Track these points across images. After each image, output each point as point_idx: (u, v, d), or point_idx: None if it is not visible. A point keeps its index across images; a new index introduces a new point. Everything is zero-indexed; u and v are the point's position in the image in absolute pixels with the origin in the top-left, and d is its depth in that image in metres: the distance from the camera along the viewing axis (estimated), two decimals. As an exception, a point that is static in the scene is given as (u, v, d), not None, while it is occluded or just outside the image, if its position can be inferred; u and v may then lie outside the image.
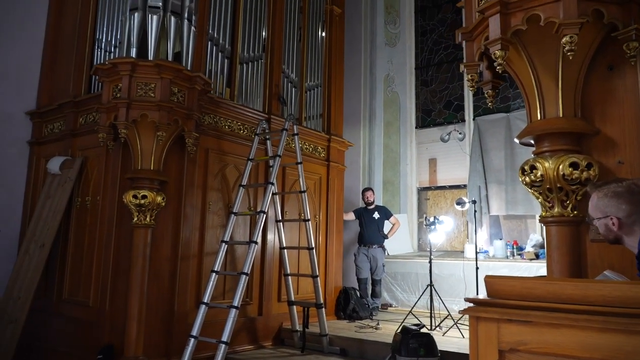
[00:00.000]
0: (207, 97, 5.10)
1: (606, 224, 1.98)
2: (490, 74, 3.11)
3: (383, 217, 7.11)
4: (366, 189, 7.43)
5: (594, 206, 2.02)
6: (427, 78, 8.80)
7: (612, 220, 1.95)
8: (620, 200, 1.93)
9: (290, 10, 6.52)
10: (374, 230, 7.01)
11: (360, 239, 7.13)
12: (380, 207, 7.36)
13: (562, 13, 2.46)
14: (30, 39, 5.90)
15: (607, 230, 1.99)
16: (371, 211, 7.13)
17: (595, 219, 2.02)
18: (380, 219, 7.08)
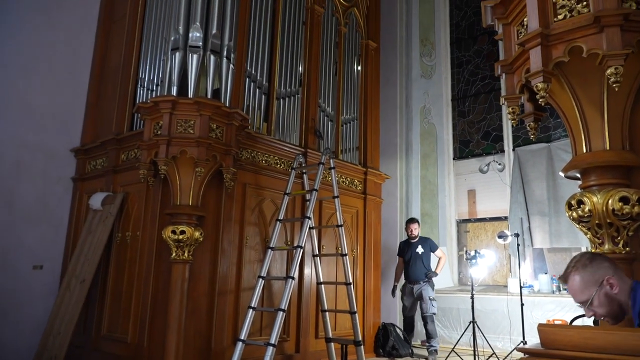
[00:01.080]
0: (244, 132, 5.17)
1: (606, 292, 1.83)
2: (531, 106, 3.03)
3: (428, 250, 6.58)
4: (410, 220, 6.87)
5: (583, 286, 1.86)
6: (464, 109, 8.70)
7: (610, 281, 1.83)
8: (598, 260, 1.88)
9: (326, 45, 6.62)
10: (418, 266, 6.49)
11: (405, 275, 6.65)
12: (425, 239, 6.77)
13: (606, 44, 2.38)
14: (76, 79, 6.17)
15: (610, 302, 1.83)
16: (414, 245, 6.62)
17: (591, 300, 1.85)
18: (424, 254, 6.54)
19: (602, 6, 2.43)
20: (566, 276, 1.92)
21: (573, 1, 2.55)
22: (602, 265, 1.86)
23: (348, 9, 7.12)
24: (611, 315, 1.84)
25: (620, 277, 1.86)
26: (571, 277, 1.89)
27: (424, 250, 6.55)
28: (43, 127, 5.82)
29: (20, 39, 5.75)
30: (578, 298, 1.88)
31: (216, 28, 4.78)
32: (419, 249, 6.55)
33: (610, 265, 1.87)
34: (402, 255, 6.70)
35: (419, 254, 6.52)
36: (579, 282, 1.87)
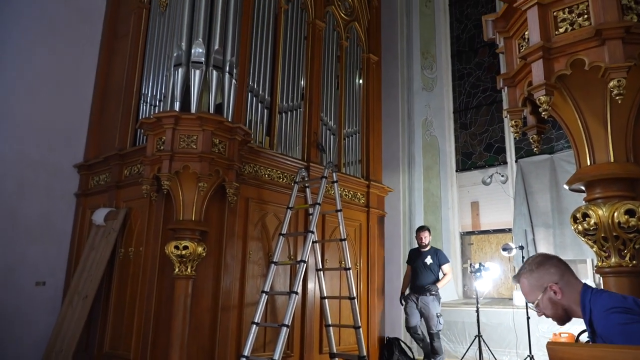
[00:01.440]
0: (247, 146, 5.18)
1: (549, 297, 1.91)
2: (534, 119, 3.02)
3: (436, 262, 6.29)
4: (420, 228, 6.59)
5: (529, 290, 1.95)
6: (466, 121, 8.72)
7: (553, 288, 1.90)
8: (546, 266, 1.93)
9: (328, 59, 6.65)
10: (425, 276, 6.23)
11: (411, 284, 6.40)
12: (436, 250, 6.49)
13: (608, 57, 2.38)
14: (80, 95, 6.21)
15: (553, 306, 1.91)
16: (424, 254, 6.35)
17: (536, 302, 1.94)
18: (433, 265, 6.27)
19: (603, 19, 2.43)
20: (517, 278, 2.03)
21: (574, 14, 2.56)
22: (548, 272, 1.91)
23: (349, 23, 7.17)
24: (556, 317, 1.93)
25: (568, 282, 1.90)
26: (521, 280, 2.00)
27: (433, 261, 6.29)
28: (47, 143, 5.84)
29: (25, 56, 5.80)
30: (527, 299, 1.99)
31: (218, 44, 4.80)
32: (428, 259, 6.30)
33: (556, 272, 1.91)
34: (410, 263, 6.51)
35: (427, 264, 6.28)
36: (526, 285, 1.96)
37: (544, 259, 1.96)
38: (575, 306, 1.87)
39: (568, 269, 1.94)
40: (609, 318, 1.68)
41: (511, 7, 2.77)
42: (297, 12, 6.28)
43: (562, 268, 1.93)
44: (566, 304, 1.88)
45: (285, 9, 6.13)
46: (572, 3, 2.56)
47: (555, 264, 1.93)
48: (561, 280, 1.90)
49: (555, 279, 1.90)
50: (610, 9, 2.44)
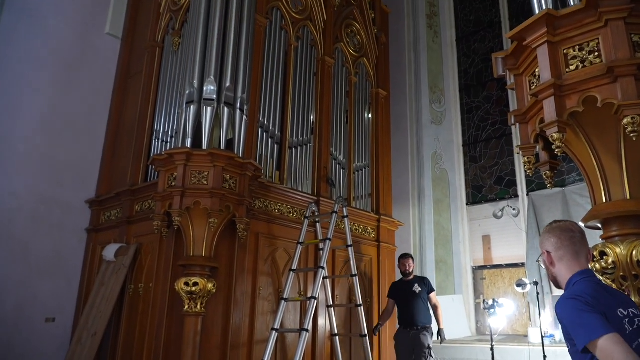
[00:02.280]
0: (257, 182, 5.18)
1: (544, 260, 2.01)
2: (547, 155, 3.01)
3: (425, 290, 5.71)
4: (404, 255, 6.02)
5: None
6: (475, 154, 8.70)
7: (545, 255, 1.99)
8: (550, 234, 1.98)
9: (337, 94, 6.72)
10: (416, 307, 5.58)
11: (401, 319, 5.75)
12: (421, 278, 5.98)
13: (620, 94, 2.39)
14: (93, 132, 6.30)
15: (546, 269, 2.01)
16: (410, 283, 5.76)
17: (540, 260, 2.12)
18: (423, 293, 5.67)
19: (614, 56, 2.45)
20: None
21: (584, 52, 2.58)
22: (548, 240, 1.97)
23: (358, 59, 7.27)
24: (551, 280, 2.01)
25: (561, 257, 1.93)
26: None
27: (422, 289, 5.68)
28: (60, 179, 5.90)
29: (40, 93, 5.92)
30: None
31: (230, 81, 4.87)
32: (415, 287, 5.68)
33: (555, 242, 1.95)
34: (393, 297, 5.87)
35: (416, 293, 5.65)
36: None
37: (554, 228, 1.99)
38: (562, 282, 1.94)
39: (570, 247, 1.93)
40: (567, 303, 1.74)
41: (521, 45, 2.80)
42: (306, 49, 6.39)
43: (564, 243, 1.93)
44: (556, 274, 1.96)
45: (295, 46, 6.23)
46: (583, 41, 2.59)
47: (557, 235, 1.95)
48: (556, 252, 1.94)
49: (550, 249, 1.96)
50: (621, 47, 2.45)
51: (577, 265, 1.91)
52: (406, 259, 5.92)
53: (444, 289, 7.87)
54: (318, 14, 6.57)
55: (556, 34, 2.62)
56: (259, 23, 5.61)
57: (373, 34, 7.59)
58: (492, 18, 9.08)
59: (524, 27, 2.68)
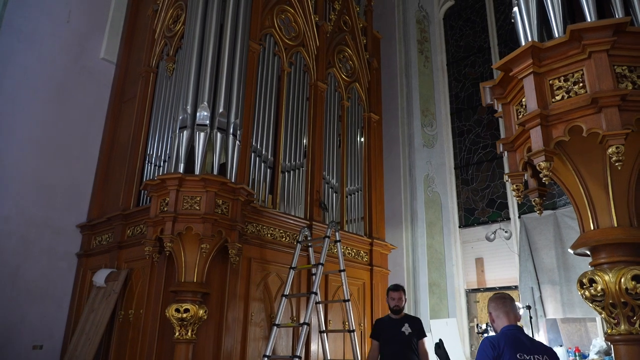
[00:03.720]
0: (250, 206, 5.19)
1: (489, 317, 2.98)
2: (535, 182, 3.04)
3: (415, 334, 4.59)
4: (394, 287, 4.80)
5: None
6: (467, 177, 8.76)
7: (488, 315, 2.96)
8: (491, 300, 2.98)
9: (329, 119, 6.78)
10: (402, 353, 4.50)
11: None
12: (414, 318, 4.81)
13: (605, 124, 2.43)
14: (86, 156, 6.31)
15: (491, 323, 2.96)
16: (398, 322, 4.64)
17: None
18: (412, 336, 4.56)
19: (598, 87, 2.50)
20: None
21: (569, 82, 2.63)
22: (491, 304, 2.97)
23: (350, 84, 7.36)
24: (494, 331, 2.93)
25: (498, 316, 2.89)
26: None
27: (412, 331, 4.58)
28: (51, 203, 5.88)
29: (34, 117, 5.94)
30: None
31: (223, 107, 4.92)
32: (406, 328, 4.58)
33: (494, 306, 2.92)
34: (378, 337, 4.69)
35: (405, 335, 4.55)
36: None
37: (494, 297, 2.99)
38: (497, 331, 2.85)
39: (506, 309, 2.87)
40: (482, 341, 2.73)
41: (508, 75, 2.85)
42: (299, 74, 6.47)
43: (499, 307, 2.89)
44: (495, 327, 2.90)
45: (288, 71, 6.31)
46: (567, 72, 2.64)
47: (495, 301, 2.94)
48: (494, 312, 2.91)
49: (491, 310, 2.94)
50: (605, 78, 2.50)
51: (506, 321, 2.83)
52: (397, 291, 4.73)
53: (437, 312, 7.84)
54: (311, 40, 6.66)
55: (541, 65, 2.67)
56: (252, 49, 5.69)
57: (365, 59, 7.70)
58: (481, 44, 9.24)
59: (510, 58, 2.74)
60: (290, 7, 6.50)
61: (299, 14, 6.57)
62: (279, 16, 6.34)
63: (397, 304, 4.68)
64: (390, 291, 4.80)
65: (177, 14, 6.10)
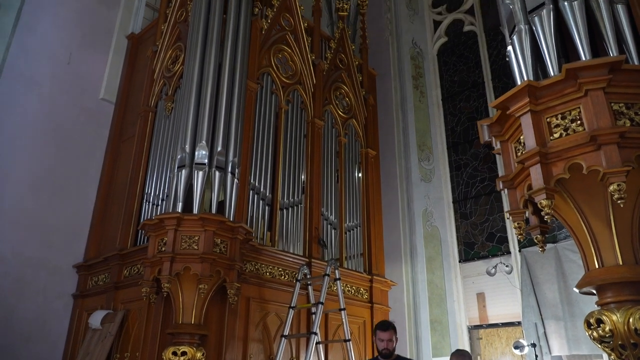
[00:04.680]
0: (248, 244, 5.14)
1: None
2: (537, 219, 3.02)
3: None
4: (381, 326, 4.18)
5: None
6: (466, 211, 8.74)
7: None
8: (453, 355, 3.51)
9: (327, 155, 6.80)
10: None
11: None
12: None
13: (605, 162, 2.43)
14: (84, 195, 6.29)
15: None
16: None
17: None
18: None
19: (596, 125, 2.51)
20: None
21: (567, 120, 2.65)
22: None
23: (347, 121, 7.41)
24: None
25: None
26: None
27: None
28: (48, 243, 5.83)
29: (33, 157, 5.94)
30: None
31: (221, 146, 4.94)
32: None
33: None
34: None
35: None
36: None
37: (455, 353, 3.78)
38: None
39: None
40: None
41: (505, 114, 2.87)
42: (296, 111, 6.52)
43: None
44: None
45: (285, 109, 6.37)
46: (564, 110, 2.66)
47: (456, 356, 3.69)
48: None
49: None
50: (602, 115, 2.52)
51: None
52: (386, 331, 4.08)
53: (439, 350, 7.68)
54: (307, 78, 6.75)
55: (538, 103, 2.70)
56: (250, 88, 5.75)
57: (361, 95, 7.79)
58: (475, 78, 9.37)
59: (507, 97, 2.76)
60: (287, 46, 6.61)
61: (296, 52, 6.68)
62: (276, 55, 6.43)
63: (387, 346, 4.01)
64: (377, 331, 4.11)
65: (176, 55, 6.19)
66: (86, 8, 6.91)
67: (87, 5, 6.94)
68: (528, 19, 3.04)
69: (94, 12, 6.98)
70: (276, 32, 6.51)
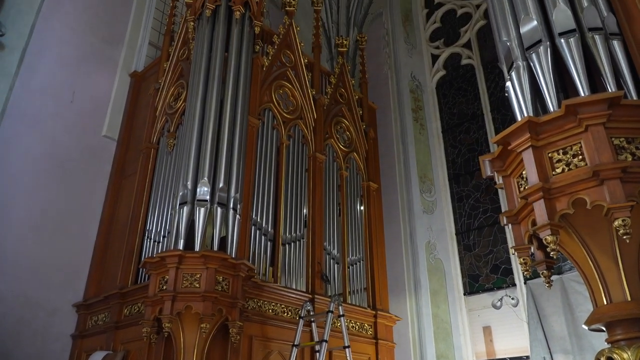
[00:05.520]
0: (251, 281, 5.09)
1: None
2: (542, 254, 2.99)
3: None
4: None
5: None
6: (469, 243, 8.68)
7: None
8: None
9: (329, 189, 6.80)
10: None
11: None
12: None
13: (608, 197, 2.42)
14: (84, 233, 6.25)
15: None
16: None
17: None
18: None
19: (598, 160, 2.51)
20: None
21: (568, 155, 2.65)
22: None
23: (348, 154, 7.44)
24: None
25: None
26: None
27: None
28: (47, 282, 5.76)
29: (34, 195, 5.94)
30: None
31: (223, 182, 4.94)
32: None
33: None
34: None
35: None
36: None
37: None
38: None
39: None
40: None
41: (506, 149, 2.88)
42: (298, 146, 6.56)
43: None
44: None
45: (286, 144, 6.40)
46: (566, 145, 2.67)
47: None
48: None
49: None
50: (603, 150, 2.53)
51: None
52: None
53: (447, 387, 7.51)
54: (308, 113, 6.81)
55: (539, 138, 2.71)
56: (251, 124, 5.79)
57: (362, 129, 7.84)
58: (474, 110, 9.45)
59: (507, 132, 2.77)
60: (288, 82, 6.69)
61: (297, 88, 6.76)
62: (277, 91, 6.51)
63: None
64: None
65: (178, 92, 6.26)
66: (90, 47, 7.03)
67: (91, 44, 7.06)
68: (525, 56, 3.08)
69: (98, 50, 7.10)
70: (277, 68, 6.60)
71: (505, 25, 3.27)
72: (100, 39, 7.19)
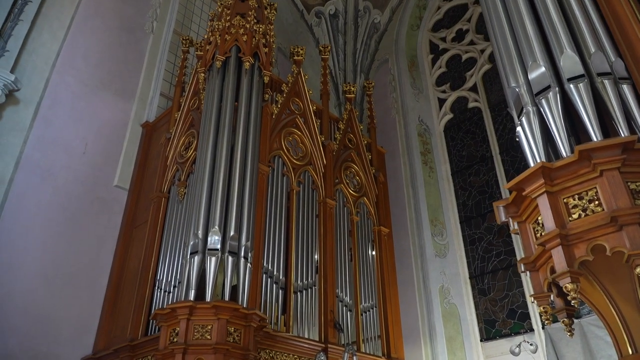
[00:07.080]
0: (262, 331, 4.98)
1: None
2: (562, 302, 2.91)
3: None
4: None
5: None
6: (484, 287, 8.50)
7: None
8: None
9: (340, 234, 6.75)
10: None
11: None
12: None
13: (628, 243, 2.38)
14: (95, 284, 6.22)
15: None
16: None
17: None
18: None
19: (615, 205, 2.48)
20: None
21: (585, 201, 2.62)
22: None
23: (358, 199, 7.43)
24: None
25: None
26: None
27: None
28: (56, 336, 5.69)
29: (44, 248, 5.94)
30: None
31: (234, 231, 4.93)
32: None
33: None
34: None
35: None
36: None
37: None
38: None
39: None
40: None
41: (520, 195, 2.86)
42: (308, 192, 6.56)
43: None
44: None
45: (296, 190, 6.41)
46: (581, 190, 2.65)
47: None
48: None
49: None
50: (620, 195, 2.50)
51: None
52: None
53: None
54: (318, 159, 6.85)
55: (554, 184, 2.69)
56: (261, 171, 5.82)
57: (371, 173, 7.85)
58: (483, 152, 9.46)
59: (521, 178, 2.76)
60: (297, 129, 6.77)
61: (306, 135, 6.83)
62: (286, 138, 6.58)
63: None
64: None
65: (189, 141, 6.35)
66: (103, 101, 7.20)
67: (104, 98, 7.23)
68: (535, 101, 3.10)
69: (110, 104, 7.26)
70: (286, 116, 6.69)
71: (513, 72, 3.31)
72: (112, 92, 7.36)
